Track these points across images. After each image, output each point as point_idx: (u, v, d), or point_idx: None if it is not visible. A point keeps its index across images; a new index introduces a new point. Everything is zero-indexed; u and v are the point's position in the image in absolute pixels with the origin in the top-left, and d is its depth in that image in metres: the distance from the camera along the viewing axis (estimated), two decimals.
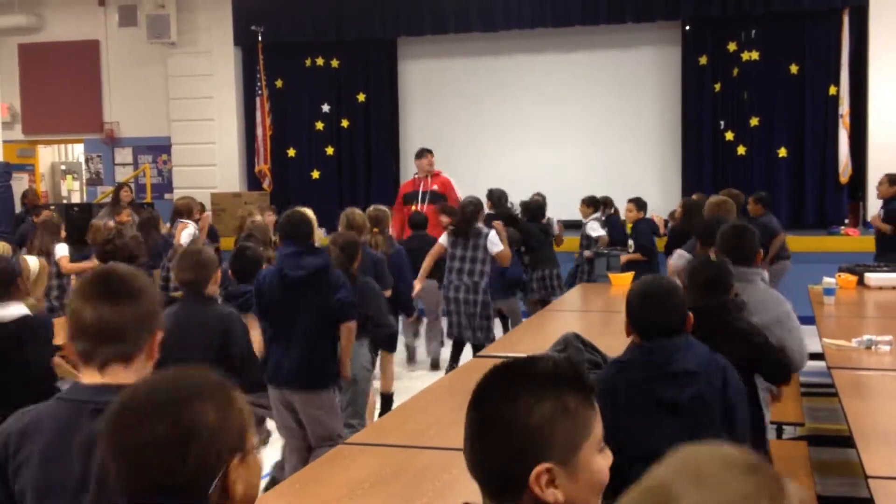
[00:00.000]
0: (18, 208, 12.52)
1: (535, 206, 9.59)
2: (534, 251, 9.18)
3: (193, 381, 1.58)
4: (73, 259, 8.30)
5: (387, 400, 7.19)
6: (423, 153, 10.69)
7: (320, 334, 5.02)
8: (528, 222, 9.31)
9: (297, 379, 4.99)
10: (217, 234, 10.52)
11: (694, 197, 10.24)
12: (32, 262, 6.33)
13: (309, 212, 5.54)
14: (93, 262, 7.21)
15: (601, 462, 1.52)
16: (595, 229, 9.93)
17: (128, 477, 1.51)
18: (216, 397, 1.56)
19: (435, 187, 10.35)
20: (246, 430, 1.58)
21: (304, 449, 5.16)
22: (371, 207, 7.58)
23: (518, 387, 1.50)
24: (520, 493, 1.45)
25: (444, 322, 8.46)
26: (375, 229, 7.14)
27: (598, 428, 1.52)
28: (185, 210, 9.30)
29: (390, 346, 7.25)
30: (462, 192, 9.85)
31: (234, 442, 1.55)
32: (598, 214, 10.17)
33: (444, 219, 8.54)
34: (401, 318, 8.06)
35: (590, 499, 1.49)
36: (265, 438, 5.72)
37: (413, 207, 10.16)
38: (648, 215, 10.12)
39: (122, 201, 11.44)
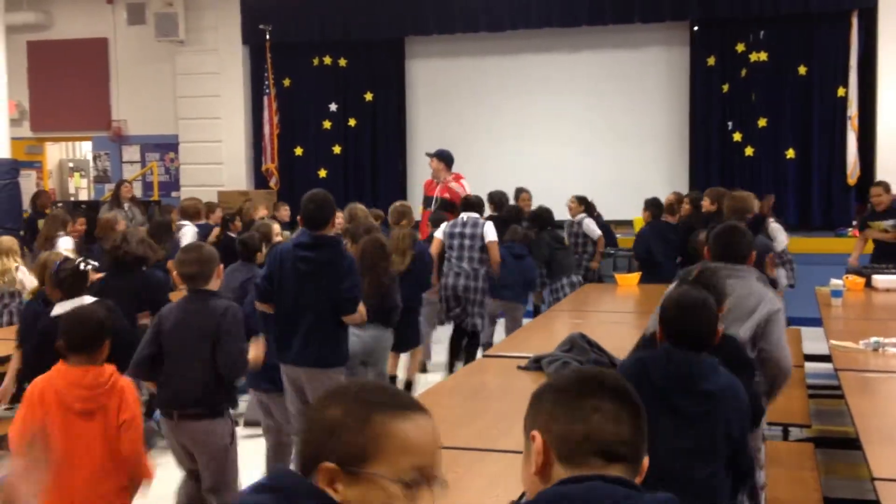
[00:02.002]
0: (27, 207, 12.51)
1: (544, 215, 9.41)
2: (547, 263, 9.00)
3: (353, 387, 1.61)
4: (80, 252, 8.31)
5: (407, 386, 7.32)
6: (429, 155, 10.17)
7: (327, 318, 5.09)
8: (539, 231, 9.17)
9: (305, 356, 5.07)
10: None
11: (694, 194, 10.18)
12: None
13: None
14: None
15: None
16: (592, 230, 9.78)
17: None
18: (352, 407, 1.54)
19: (447, 195, 9.79)
20: (369, 456, 1.51)
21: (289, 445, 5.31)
22: (398, 203, 7.98)
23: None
24: None
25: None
26: (404, 221, 7.37)
27: None
28: (192, 211, 9.22)
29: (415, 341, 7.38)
30: (470, 192, 9.73)
31: (342, 451, 1.51)
32: (584, 214, 9.99)
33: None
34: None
35: None
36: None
37: (429, 212, 9.98)
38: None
39: (122, 198, 11.42)
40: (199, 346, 4.30)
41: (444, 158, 9.98)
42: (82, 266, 4.96)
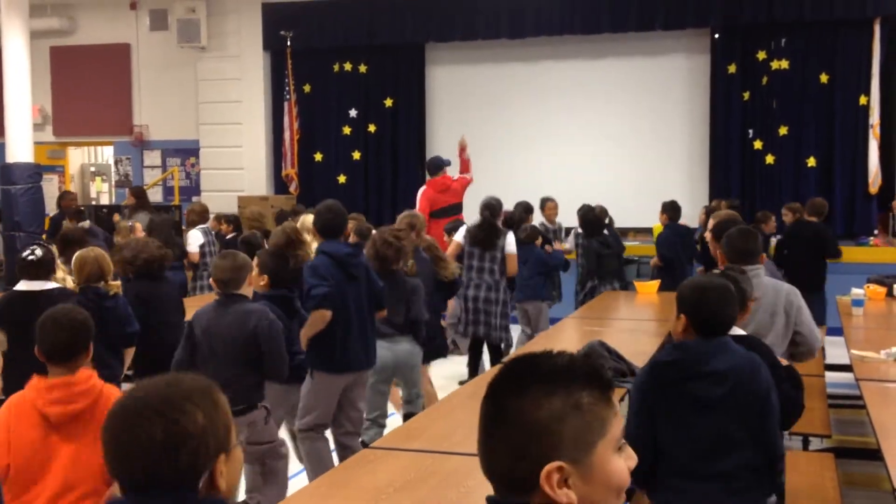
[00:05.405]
0: (52, 210, 12.62)
1: (593, 220, 9.38)
2: (597, 270, 9.00)
3: (184, 387, 1.67)
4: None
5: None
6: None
7: (372, 319, 5.39)
8: (587, 238, 9.19)
9: (369, 359, 5.35)
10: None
11: (713, 204, 10.15)
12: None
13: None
14: None
15: (618, 463, 1.43)
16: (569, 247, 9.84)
17: (122, 471, 1.61)
18: (204, 401, 1.66)
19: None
20: (230, 430, 1.69)
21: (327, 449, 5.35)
22: (406, 213, 7.76)
23: (529, 380, 1.44)
24: (530, 491, 1.38)
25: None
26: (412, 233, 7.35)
27: (615, 426, 1.43)
28: (195, 217, 9.39)
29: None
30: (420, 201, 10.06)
31: (220, 442, 1.65)
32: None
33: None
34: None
35: (607, 500, 1.42)
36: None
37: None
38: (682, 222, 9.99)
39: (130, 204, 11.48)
40: (233, 347, 4.51)
41: (427, 167, 10.33)
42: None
